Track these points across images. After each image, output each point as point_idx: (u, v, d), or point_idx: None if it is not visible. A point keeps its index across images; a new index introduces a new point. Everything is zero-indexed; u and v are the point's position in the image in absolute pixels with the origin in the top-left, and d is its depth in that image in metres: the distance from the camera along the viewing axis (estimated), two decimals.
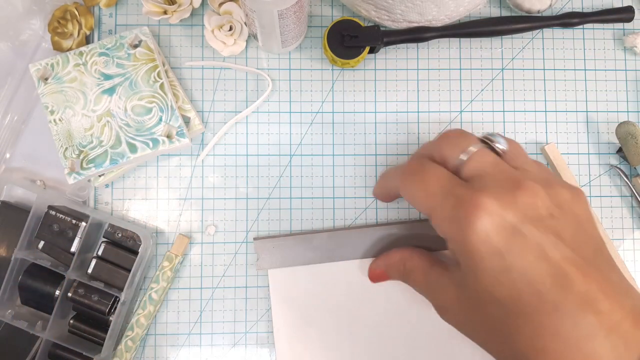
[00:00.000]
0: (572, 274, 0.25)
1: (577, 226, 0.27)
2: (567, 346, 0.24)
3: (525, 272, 0.25)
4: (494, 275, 0.26)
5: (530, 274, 0.25)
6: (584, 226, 0.28)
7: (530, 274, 0.25)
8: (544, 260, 0.25)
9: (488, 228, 0.26)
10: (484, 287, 0.27)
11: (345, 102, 0.41)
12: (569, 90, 0.41)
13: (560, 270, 0.25)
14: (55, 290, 0.37)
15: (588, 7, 0.42)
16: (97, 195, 0.39)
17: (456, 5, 0.38)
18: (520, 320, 0.26)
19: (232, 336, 0.39)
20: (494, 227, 0.26)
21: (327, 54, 0.39)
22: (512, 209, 0.26)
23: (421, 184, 0.29)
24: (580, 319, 0.24)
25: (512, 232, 0.26)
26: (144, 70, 0.38)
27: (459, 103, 0.41)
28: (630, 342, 0.24)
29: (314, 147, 0.40)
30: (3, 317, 0.36)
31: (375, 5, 0.38)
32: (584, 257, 0.26)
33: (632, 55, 0.42)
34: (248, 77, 0.40)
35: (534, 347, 0.25)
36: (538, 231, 0.26)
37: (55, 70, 0.38)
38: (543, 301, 0.25)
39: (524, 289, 0.25)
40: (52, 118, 0.37)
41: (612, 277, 0.26)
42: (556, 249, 0.26)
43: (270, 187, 0.40)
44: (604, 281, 0.26)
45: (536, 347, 0.25)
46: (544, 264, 0.25)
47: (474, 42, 0.41)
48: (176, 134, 0.38)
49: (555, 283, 0.25)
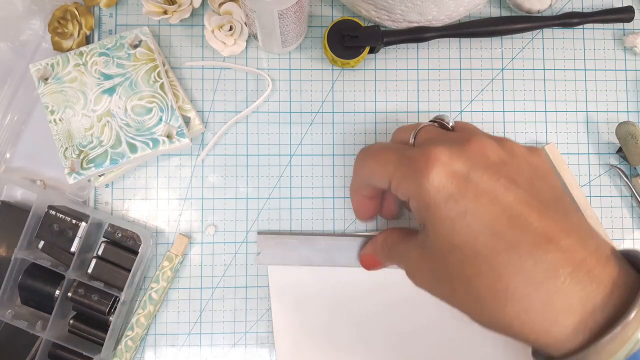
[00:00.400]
0: (527, 214, 0.25)
1: (532, 173, 0.28)
2: (530, 284, 0.24)
3: (480, 215, 0.25)
4: (450, 223, 0.26)
5: (484, 217, 0.25)
6: (541, 174, 0.28)
7: (485, 216, 0.25)
8: (497, 203, 0.25)
9: (441, 177, 0.26)
10: (443, 237, 0.27)
11: (345, 102, 0.41)
12: (569, 90, 0.41)
13: (515, 211, 0.25)
14: (55, 290, 0.37)
15: (588, 7, 0.42)
16: (97, 195, 0.39)
17: (456, 5, 0.38)
18: (479, 263, 0.25)
19: (232, 336, 0.39)
20: (446, 176, 0.26)
21: (327, 54, 0.39)
22: (462, 157, 0.27)
23: (377, 157, 0.31)
24: (541, 256, 0.24)
25: (464, 179, 0.26)
26: (144, 70, 0.38)
27: (459, 103, 0.41)
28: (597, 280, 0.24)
29: (314, 147, 0.40)
30: (3, 317, 0.36)
31: (375, 5, 0.38)
32: (540, 200, 0.26)
33: (632, 55, 0.42)
34: (248, 77, 0.40)
35: (496, 288, 0.25)
36: (489, 176, 0.26)
37: (55, 70, 0.38)
38: (500, 241, 0.25)
39: (480, 231, 0.25)
40: (52, 118, 0.37)
41: (572, 220, 0.26)
42: (509, 191, 0.26)
43: (270, 187, 0.40)
44: (564, 222, 0.25)
45: (498, 289, 0.25)
46: (497, 206, 0.25)
47: (474, 42, 0.41)
48: (176, 134, 0.38)
49: (510, 223, 0.25)
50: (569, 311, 0.24)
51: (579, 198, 0.39)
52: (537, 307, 0.24)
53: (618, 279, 0.24)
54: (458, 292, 0.27)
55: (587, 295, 0.23)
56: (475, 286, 0.25)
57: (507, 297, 0.24)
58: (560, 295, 0.24)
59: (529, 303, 0.24)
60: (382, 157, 0.30)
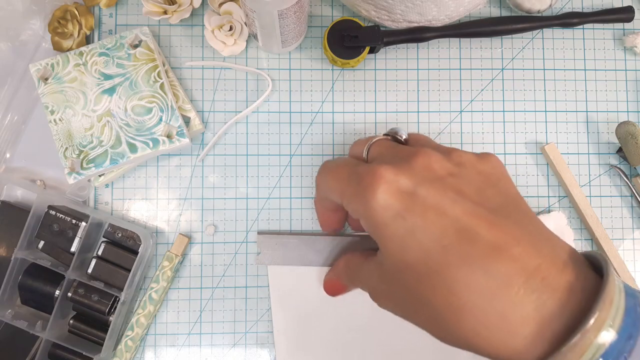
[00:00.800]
0: (475, 226, 0.25)
1: (482, 182, 0.27)
2: (483, 297, 0.23)
3: (428, 231, 0.25)
4: (400, 241, 0.26)
5: (433, 232, 0.25)
6: (492, 181, 0.28)
7: (433, 231, 0.25)
8: (444, 217, 0.25)
9: (387, 195, 0.26)
10: (395, 256, 0.26)
11: (345, 102, 0.41)
12: (569, 90, 0.41)
13: (462, 223, 0.25)
14: (55, 290, 0.37)
15: (588, 7, 0.42)
16: (97, 195, 0.39)
17: (456, 5, 0.38)
18: (433, 279, 0.25)
19: (232, 336, 0.39)
20: (392, 194, 0.26)
21: (327, 54, 0.39)
22: (407, 173, 0.27)
23: (333, 172, 0.31)
24: (491, 267, 0.23)
25: (409, 195, 0.26)
26: (144, 70, 0.38)
27: (459, 103, 0.41)
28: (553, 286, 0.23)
29: (314, 147, 0.40)
30: (3, 317, 0.36)
31: (375, 5, 0.38)
32: (490, 209, 0.26)
33: (632, 55, 0.42)
34: (248, 77, 0.40)
35: (451, 304, 0.24)
36: (435, 190, 0.26)
37: (56, 70, 0.38)
38: (450, 255, 0.24)
39: (430, 247, 0.25)
40: (52, 118, 0.37)
41: (527, 227, 0.25)
42: (456, 204, 0.25)
43: (270, 187, 0.40)
44: (516, 229, 0.25)
45: (453, 305, 0.24)
46: (445, 219, 0.25)
47: (474, 42, 0.41)
48: (176, 134, 0.38)
49: (459, 236, 0.25)
50: (525, 322, 0.23)
51: (579, 198, 0.39)
52: (493, 320, 0.23)
53: (576, 284, 0.23)
54: (418, 311, 0.27)
55: (542, 304, 0.23)
56: (432, 303, 0.25)
57: (463, 312, 0.24)
58: (516, 305, 0.23)
59: (484, 317, 0.24)
60: (335, 173, 0.30)
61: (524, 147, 0.41)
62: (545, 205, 0.41)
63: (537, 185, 0.41)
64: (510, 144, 0.41)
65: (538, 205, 0.41)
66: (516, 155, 0.41)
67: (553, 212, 0.40)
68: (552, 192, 0.41)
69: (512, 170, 0.41)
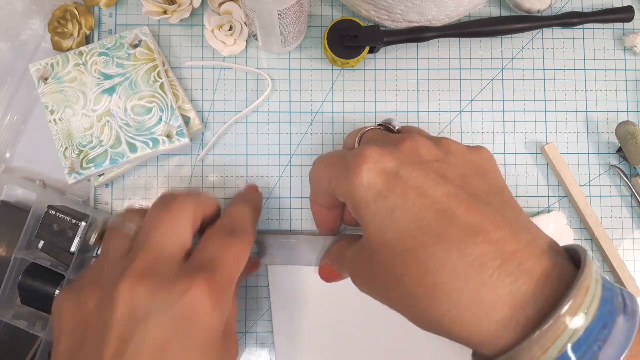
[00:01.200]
0: (454, 208, 0.25)
1: (468, 169, 0.27)
2: (457, 278, 0.23)
3: (408, 210, 0.25)
4: (380, 220, 0.26)
5: (412, 211, 0.25)
6: (480, 171, 0.28)
7: (412, 211, 0.25)
8: (425, 198, 0.25)
9: (371, 174, 0.26)
10: (375, 235, 0.26)
11: (345, 102, 0.41)
12: (569, 90, 0.41)
13: (443, 205, 0.25)
14: (55, 290, 0.37)
15: (588, 7, 0.42)
16: (97, 195, 0.39)
17: (456, 5, 0.38)
18: (408, 258, 0.25)
19: None
20: (376, 173, 0.26)
21: (327, 54, 0.39)
22: (393, 155, 0.27)
23: (324, 162, 0.31)
24: (467, 248, 0.23)
25: (393, 175, 0.26)
26: (144, 70, 0.38)
27: (459, 103, 0.41)
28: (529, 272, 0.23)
29: (314, 147, 0.40)
30: (3, 317, 0.36)
31: (375, 5, 0.38)
32: (472, 194, 0.26)
33: (632, 55, 0.42)
34: (248, 77, 0.40)
35: (425, 284, 0.24)
36: (418, 172, 0.26)
37: (55, 70, 0.38)
38: (426, 235, 0.24)
39: (408, 226, 0.25)
40: (52, 118, 0.37)
41: (508, 216, 0.25)
42: (438, 186, 0.26)
43: (270, 187, 0.40)
44: (497, 216, 0.25)
45: (426, 284, 0.24)
46: (425, 200, 0.25)
47: (474, 42, 0.41)
48: (176, 133, 0.38)
49: (437, 217, 0.25)
50: (498, 306, 0.23)
51: (579, 198, 0.39)
52: (465, 302, 0.23)
53: (552, 272, 0.23)
54: (391, 291, 0.27)
55: (517, 289, 0.22)
56: (406, 283, 0.25)
57: (435, 292, 0.24)
58: (489, 288, 0.23)
59: (457, 298, 0.23)
60: (326, 161, 0.31)
61: (524, 147, 0.41)
62: (545, 205, 0.41)
63: (537, 185, 0.41)
64: (510, 144, 0.41)
65: (538, 205, 0.41)
66: (516, 155, 0.41)
67: (553, 212, 0.40)
68: (552, 192, 0.41)
69: (512, 170, 0.41)
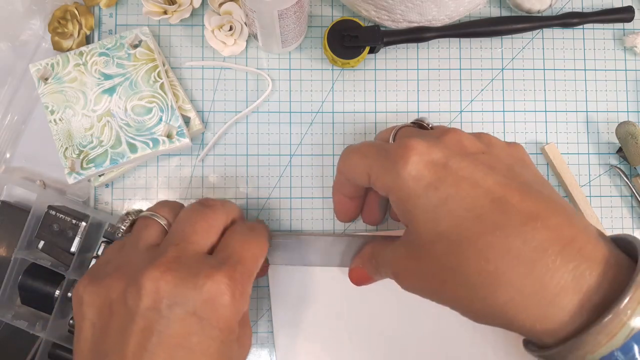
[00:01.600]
0: (508, 196, 0.24)
1: (512, 161, 0.27)
2: (520, 264, 0.23)
3: (461, 200, 0.25)
4: (432, 211, 0.26)
5: (466, 201, 0.25)
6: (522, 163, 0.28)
7: (466, 200, 0.25)
8: (478, 187, 0.25)
9: (419, 166, 0.26)
10: (426, 227, 0.26)
11: (345, 102, 0.41)
12: (569, 90, 0.41)
13: (496, 194, 0.25)
14: (55, 290, 0.37)
15: (588, 7, 0.42)
16: (97, 195, 0.39)
17: (456, 5, 0.38)
18: (465, 248, 0.24)
19: None
20: (424, 165, 0.26)
21: (327, 54, 0.39)
22: (439, 146, 0.27)
23: (359, 152, 0.30)
24: (528, 234, 0.23)
25: (442, 166, 0.26)
26: (144, 70, 0.38)
27: (459, 103, 0.41)
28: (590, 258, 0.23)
29: (314, 147, 0.40)
30: (3, 317, 0.36)
31: (375, 5, 0.38)
32: (521, 182, 0.26)
33: (632, 55, 0.42)
34: (248, 77, 0.40)
35: (485, 272, 0.24)
36: (467, 163, 0.26)
37: (55, 70, 0.38)
38: (484, 224, 0.24)
39: (463, 215, 0.25)
40: (52, 118, 0.37)
41: (557, 201, 0.25)
42: (488, 175, 0.25)
43: (270, 187, 0.40)
44: (549, 202, 0.25)
45: (487, 272, 0.23)
46: (478, 190, 0.25)
47: (474, 42, 0.41)
48: (176, 133, 0.38)
49: (493, 205, 0.24)
50: (562, 292, 0.22)
51: (579, 198, 0.39)
52: (530, 288, 0.23)
53: (610, 257, 0.23)
54: (447, 284, 0.26)
55: (580, 274, 0.22)
56: (464, 273, 0.24)
57: (497, 280, 0.23)
58: (553, 273, 0.22)
59: (521, 285, 0.23)
60: (362, 151, 0.30)
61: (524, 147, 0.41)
62: None
63: None
64: None
65: None
66: None
67: None
68: None
69: None
